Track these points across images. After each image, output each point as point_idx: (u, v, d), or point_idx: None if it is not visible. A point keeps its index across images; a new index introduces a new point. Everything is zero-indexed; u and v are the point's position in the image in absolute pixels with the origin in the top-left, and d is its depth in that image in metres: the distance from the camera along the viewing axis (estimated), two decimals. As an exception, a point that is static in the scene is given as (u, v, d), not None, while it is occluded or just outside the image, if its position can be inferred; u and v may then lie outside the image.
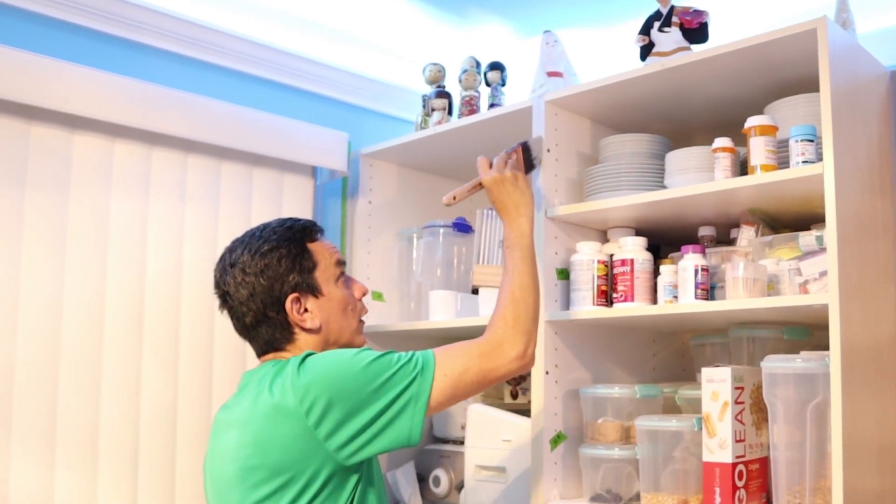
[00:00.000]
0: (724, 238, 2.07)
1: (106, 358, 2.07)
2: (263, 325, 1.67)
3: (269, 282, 1.65)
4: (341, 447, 1.50)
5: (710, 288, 1.88)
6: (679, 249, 1.95)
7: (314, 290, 1.69)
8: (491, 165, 1.87)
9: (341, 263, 1.76)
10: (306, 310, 1.68)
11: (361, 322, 1.80)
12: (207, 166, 2.30)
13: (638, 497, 1.93)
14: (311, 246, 1.72)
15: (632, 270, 1.98)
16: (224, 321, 1.74)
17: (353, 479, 1.55)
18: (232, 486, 1.56)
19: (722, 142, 1.85)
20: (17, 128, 1.96)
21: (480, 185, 1.88)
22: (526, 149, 1.94)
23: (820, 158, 1.67)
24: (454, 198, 1.91)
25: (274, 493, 1.50)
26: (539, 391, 2.01)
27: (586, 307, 2.01)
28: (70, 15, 2.13)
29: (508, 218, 1.80)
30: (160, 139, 2.19)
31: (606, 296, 2.02)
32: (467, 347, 1.62)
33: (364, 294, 1.80)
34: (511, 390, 2.50)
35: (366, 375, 1.52)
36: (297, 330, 1.68)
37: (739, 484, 1.75)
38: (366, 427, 1.51)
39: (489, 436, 2.18)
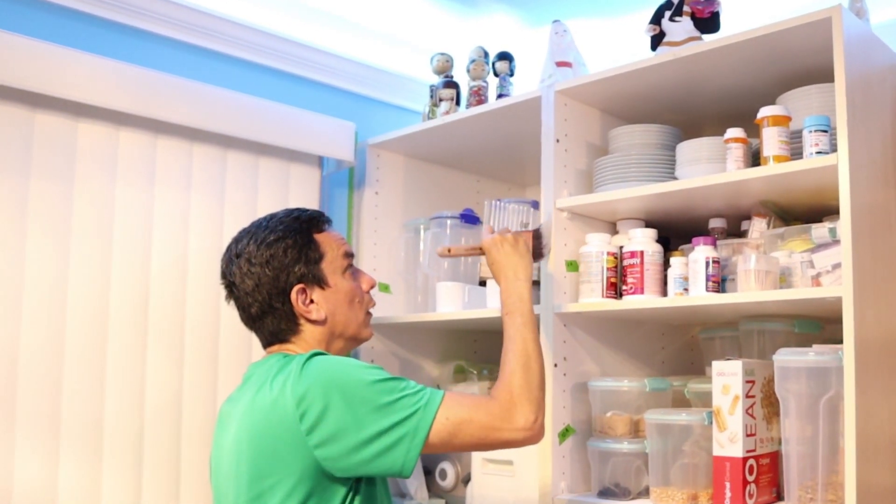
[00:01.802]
0: (735, 230, 2.05)
1: (111, 349, 2.06)
2: (269, 316, 1.66)
3: (275, 272, 1.64)
4: (328, 459, 1.46)
5: (721, 280, 1.86)
6: (689, 241, 1.93)
7: (320, 282, 1.67)
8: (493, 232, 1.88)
9: (349, 255, 1.74)
10: (312, 301, 1.66)
11: (369, 314, 1.78)
12: (213, 155, 2.29)
13: (647, 491, 1.92)
14: (318, 237, 1.70)
15: (641, 262, 1.96)
16: (230, 312, 1.73)
17: (342, 491, 1.50)
18: (230, 479, 1.54)
19: (734, 132, 1.83)
20: (21, 115, 1.94)
21: (480, 249, 1.89)
22: (536, 236, 1.93)
23: (834, 149, 1.65)
24: (449, 250, 1.95)
25: (266, 490, 1.48)
26: (547, 384, 1.98)
27: (595, 299, 2.00)
28: (75, 2, 2.12)
29: (506, 281, 1.77)
30: (165, 128, 2.18)
31: (616, 288, 2.01)
32: (478, 400, 1.56)
33: (372, 286, 1.78)
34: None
35: (368, 392, 1.48)
36: (302, 321, 1.66)
37: (750, 479, 1.74)
38: (358, 447, 1.45)
39: (496, 429, 2.17)
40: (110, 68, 2.03)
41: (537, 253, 1.93)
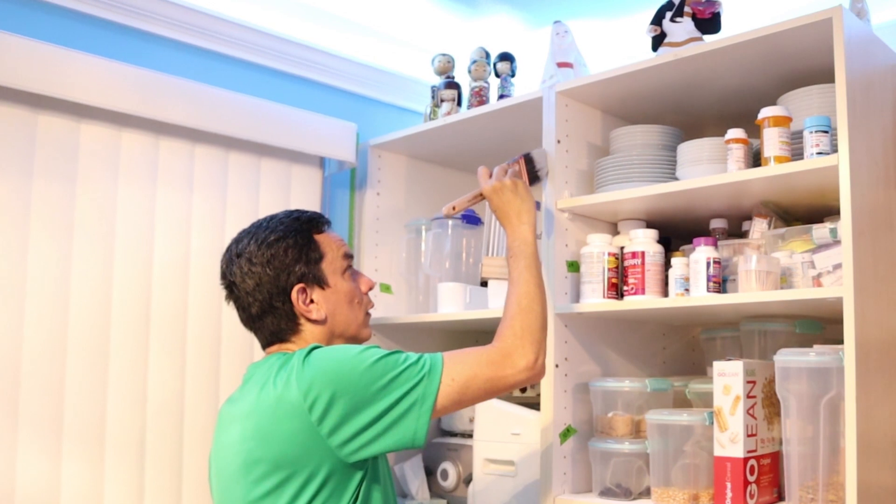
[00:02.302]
0: (736, 231, 2.05)
1: (113, 349, 2.06)
2: (269, 316, 1.67)
3: (276, 272, 1.65)
4: (344, 444, 1.48)
5: (722, 281, 1.86)
6: (690, 242, 1.93)
7: (320, 282, 1.68)
8: (491, 175, 1.88)
9: (349, 256, 1.75)
10: (312, 301, 1.67)
11: (368, 315, 1.79)
12: (215, 156, 2.29)
13: (648, 491, 1.92)
14: (318, 237, 1.71)
15: (643, 263, 1.96)
16: (232, 312, 1.73)
17: (357, 476, 1.53)
18: (236, 479, 1.55)
19: (735, 133, 1.83)
20: (24, 117, 1.95)
21: (481, 196, 1.90)
22: (528, 160, 1.94)
23: (834, 150, 1.65)
24: (453, 208, 1.95)
25: (276, 488, 1.49)
26: (548, 384, 1.99)
27: (596, 300, 2.00)
28: (77, 3, 2.12)
29: (510, 226, 1.80)
30: (167, 129, 2.18)
31: (617, 288, 2.01)
32: (477, 354, 1.59)
33: (370, 288, 1.79)
34: (520, 383, 2.48)
35: (371, 373, 1.50)
36: (302, 321, 1.67)
37: (751, 479, 1.74)
38: (369, 425, 1.49)
39: (498, 429, 2.17)
40: (113, 70, 2.03)
41: (533, 177, 1.93)
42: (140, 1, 2.21)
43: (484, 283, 2.36)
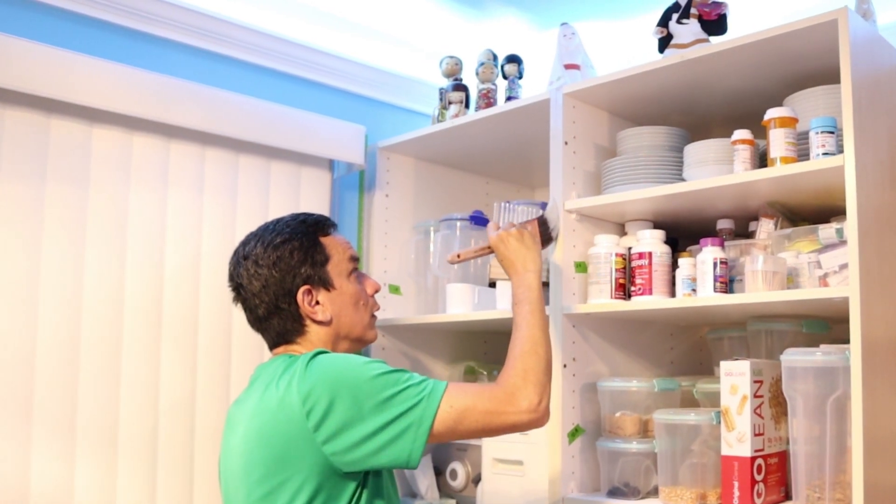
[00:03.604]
0: (743, 231, 2.06)
1: (125, 351, 2.08)
2: (275, 317, 1.68)
3: (282, 273, 1.66)
4: (337, 454, 1.48)
5: (728, 281, 1.87)
6: (697, 242, 1.94)
7: (326, 284, 1.69)
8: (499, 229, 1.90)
9: (354, 259, 1.77)
10: (318, 302, 1.68)
11: (374, 317, 1.80)
12: (225, 159, 2.31)
13: (656, 491, 1.93)
14: (324, 240, 1.73)
15: (650, 263, 1.97)
16: (242, 314, 1.75)
17: (351, 487, 1.52)
18: (239, 479, 1.56)
19: (741, 134, 1.84)
20: (36, 121, 1.97)
21: (488, 248, 1.92)
22: (542, 222, 1.94)
23: (840, 150, 1.65)
24: (458, 256, 1.98)
25: (272, 491, 1.50)
26: (556, 384, 2.00)
27: (604, 300, 2.01)
28: (88, 8, 2.14)
29: (515, 274, 1.80)
30: (178, 132, 2.20)
31: (624, 289, 2.02)
32: (480, 387, 1.59)
33: (376, 291, 1.80)
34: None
35: (372, 385, 1.50)
36: (308, 322, 1.68)
37: (758, 478, 1.75)
38: (365, 440, 1.48)
39: (506, 429, 2.18)
40: (124, 74, 2.05)
41: (545, 238, 1.94)
42: (151, 5, 2.23)
43: (492, 284, 2.37)
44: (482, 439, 2.23)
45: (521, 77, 2.45)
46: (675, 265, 1.97)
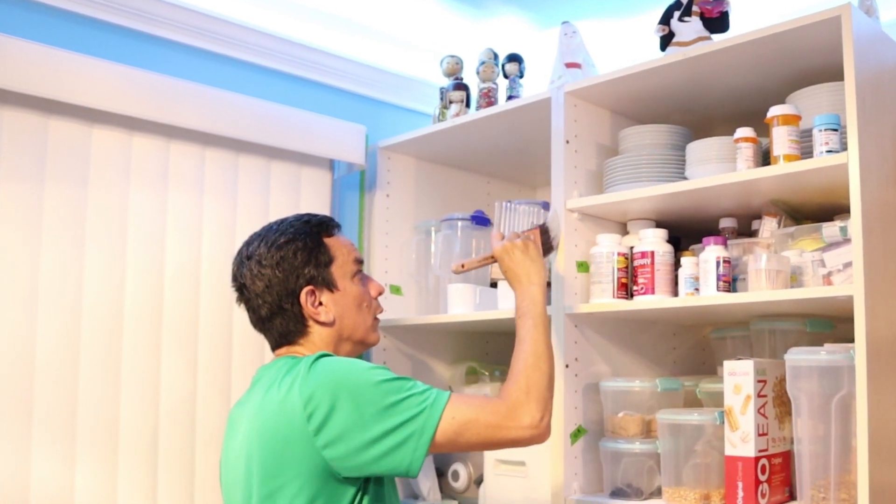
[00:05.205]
0: (746, 230, 2.05)
1: (125, 352, 2.07)
2: (278, 318, 1.67)
3: (285, 274, 1.65)
4: (336, 459, 1.47)
5: (731, 280, 1.86)
6: (700, 241, 1.93)
7: (329, 285, 1.68)
8: (503, 238, 1.89)
9: (359, 261, 1.76)
10: (321, 303, 1.67)
11: (377, 319, 1.80)
12: (225, 160, 2.30)
13: (659, 491, 1.92)
14: (328, 241, 1.72)
15: (652, 263, 1.96)
16: (243, 314, 1.74)
17: (350, 492, 1.51)
18: (239, 481, 1.56)
19: (744, 132, 1.83)
20: (35, 122, 1.96)
21: (492, 258, 1.91)
22: (544, 231, 1.94)
23: (844, 148, 1.64)
24: (462, 265, 1.98)
25: (272, 493, 1.49)
26: (559, 384, 1.99)
27: (606, 300, 2.00)
28: (88, 8, 2.14)
29: (520, 286, 1.79)
30: (178, 133, 2.19)
31: (627, 288, 2.01)
32: (483, 400, 1.57)
33: (380, 293, 1.79)
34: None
35: (375, 392, 1.49)
36: (310, 323, 1.67)
37: (762, 478, 1.74)
38: (365, 446, 1.46)
39: (508, 429, 2.17)
40: (123, 74, 2.04)
41: (547, 247, 1.93)
42: (151, 5, 2.23)
43: (493, 284, 2.36)
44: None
45: (522, 76, 2.44)
46: (677, 264, 1.96)
